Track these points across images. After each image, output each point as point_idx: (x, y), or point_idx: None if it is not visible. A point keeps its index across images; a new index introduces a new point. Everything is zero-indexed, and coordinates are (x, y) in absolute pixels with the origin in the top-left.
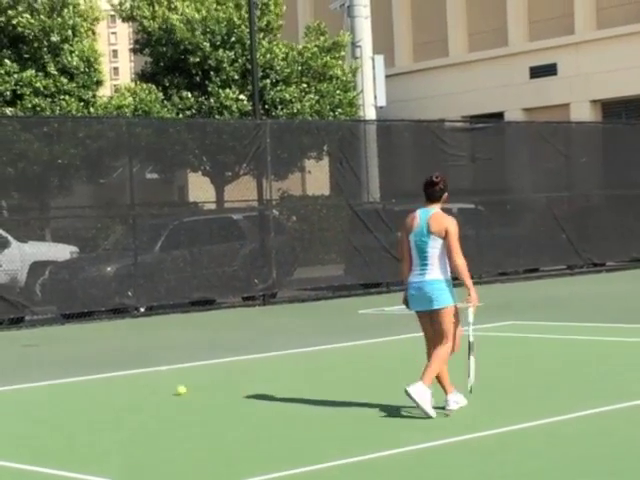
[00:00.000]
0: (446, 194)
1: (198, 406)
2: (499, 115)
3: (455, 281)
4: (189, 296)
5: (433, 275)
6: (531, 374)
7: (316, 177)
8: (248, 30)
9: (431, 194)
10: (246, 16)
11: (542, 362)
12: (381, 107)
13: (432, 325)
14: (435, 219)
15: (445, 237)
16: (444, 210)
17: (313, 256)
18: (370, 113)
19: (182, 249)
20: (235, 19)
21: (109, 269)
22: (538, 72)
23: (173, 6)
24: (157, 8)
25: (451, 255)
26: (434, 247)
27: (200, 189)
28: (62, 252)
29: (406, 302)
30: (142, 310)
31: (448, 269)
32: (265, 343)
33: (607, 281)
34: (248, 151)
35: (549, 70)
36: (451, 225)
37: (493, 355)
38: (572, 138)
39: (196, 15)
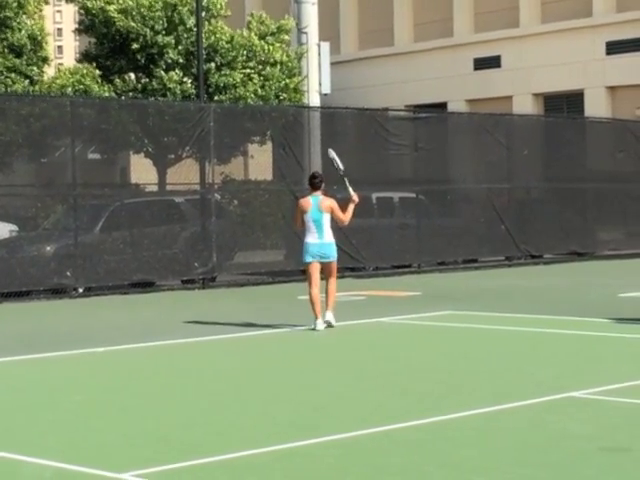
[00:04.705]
0: (323, 184)
1: (134, 389)
2: (442, 105)
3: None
4: (128, 278)
5: (328, 239)
6: (466, 364)
7: (259, 162)
8: (187, 10)
9: (316, 184)
10: None
11: (478, 352)
12: (325, 94)
13: (324, 270)
14: (323, 202)
15: (332, 212)
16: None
17: (254, 241)
18: (314, 100)
19: (123, 230)
20: (172, 1)
21: (48, 249)
22: (482, 64)
23: None
24: None
25: (341, 218)
26: (326, 220)
27: (142, 171)
28: (1, 230)
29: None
30: (81, 291)
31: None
32: (202, 327)
33: (544, 273)
34: (191, 134)
35: (493, 62)
36: (333, 203)
37: (429, 344)
38: (514, 130)
39: (130, 2)
